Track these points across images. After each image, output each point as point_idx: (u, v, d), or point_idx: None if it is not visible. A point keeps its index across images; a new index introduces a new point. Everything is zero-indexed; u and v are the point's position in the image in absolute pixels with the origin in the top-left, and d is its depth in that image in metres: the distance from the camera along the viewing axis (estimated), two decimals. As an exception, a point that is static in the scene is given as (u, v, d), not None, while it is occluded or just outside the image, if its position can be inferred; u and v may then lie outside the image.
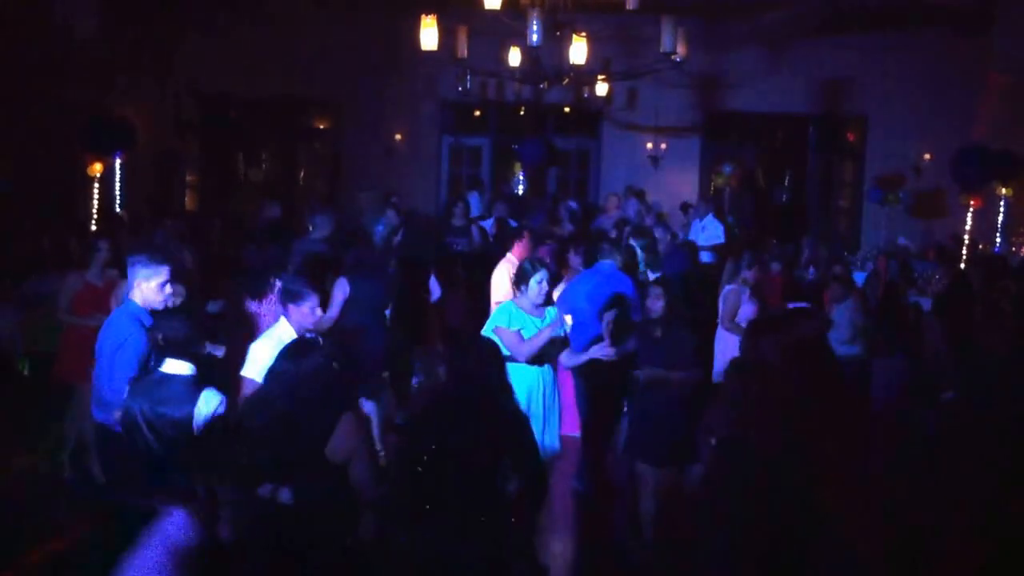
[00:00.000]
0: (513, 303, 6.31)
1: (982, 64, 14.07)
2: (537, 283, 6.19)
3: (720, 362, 7.68)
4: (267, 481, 4.03)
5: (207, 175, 16.35)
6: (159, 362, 4.56)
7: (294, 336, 5.33)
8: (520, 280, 6.27)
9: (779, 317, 6.92)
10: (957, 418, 6.83)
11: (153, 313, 5.04)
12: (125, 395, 4.52)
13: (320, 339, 4.66)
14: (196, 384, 4.45)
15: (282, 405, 4.06)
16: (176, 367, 4.48)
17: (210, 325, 6.00)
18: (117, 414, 4.58)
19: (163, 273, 5.16)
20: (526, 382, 5.86)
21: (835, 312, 8.24)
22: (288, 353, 4.24)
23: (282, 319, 5.57)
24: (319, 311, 5.55)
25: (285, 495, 4.02)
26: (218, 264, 9.60)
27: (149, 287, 5.12)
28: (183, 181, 16.03)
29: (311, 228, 8.91)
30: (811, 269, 10.90)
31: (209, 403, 4.39)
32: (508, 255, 8.41)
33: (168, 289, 5.19)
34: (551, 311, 6.33)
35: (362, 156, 15.62)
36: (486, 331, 6.14)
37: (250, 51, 14.18)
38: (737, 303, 8.22)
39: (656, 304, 6.31)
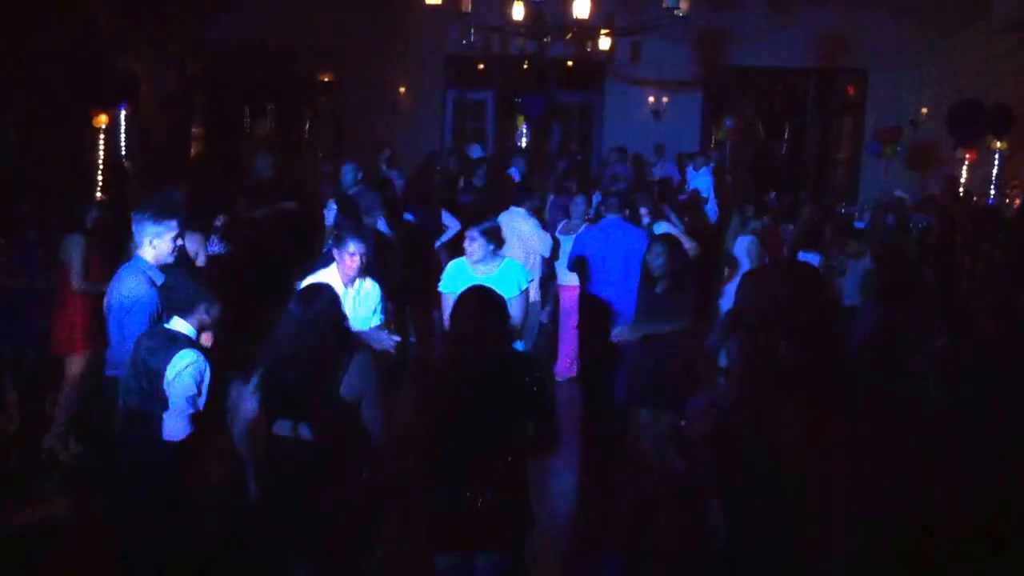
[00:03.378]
0: (465, 259, 6.24)
1: (980, 18, 14.17)
2: (470, 242, 6.11)
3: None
4: (283, 419, 4.16)
5: (212, 128, 16.45)
6: (167, 320, 4.44)
7: (338, 281, 5.48)
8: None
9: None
10: (947, 365, 7.02)
11: (162, 269, 4.90)
12: (133, 349, 4.40)
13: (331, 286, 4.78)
14: (187, 343, 4.32)
15: (288, 347, 4.17)
16: (180, 325, 4.36)
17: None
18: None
19: (173, 227, 4.98)
20: None
21: (851, 267, 8.33)
22: (298, 297, 4.34)
23: (333, 264, 5.63)
24: (359, 259, 5.49)
25: (304, 431, 4.15)
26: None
27: (161, 242, 4.95)
28: (189, 133, 16.14)
29: (341, 178, 9.06)
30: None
31: (181, 360, 4.24)
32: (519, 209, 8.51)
33: (178, 243, 5.03)
34: (509, 265, 6.22)
35: (366, 110, 15.72)
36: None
37: (254, 3, 14.30)
38: (762, 253, 8.39)
39: (657, 260, 6.32)
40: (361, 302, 5.62)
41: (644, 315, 6.41)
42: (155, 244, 4.93)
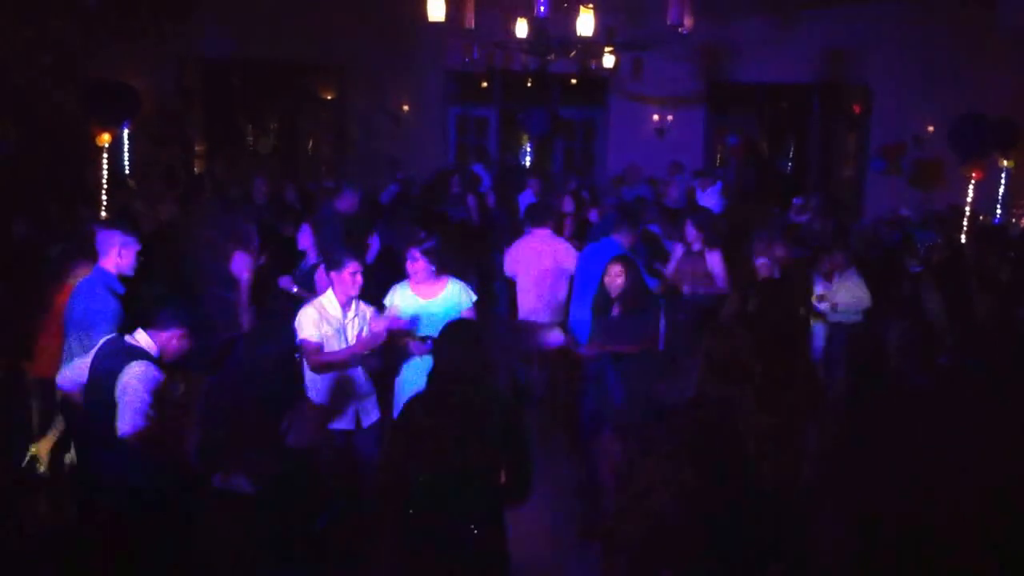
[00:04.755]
0: (407, 282, 6.05)
1: (985, 32, 14.12)
2: (411, 261, 5.95)
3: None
4: (221, 467, 4.01)
5: (213, 144, 16.43)
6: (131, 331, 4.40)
7: (336, 303, 5.43)
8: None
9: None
10: (951, 383, 6.93)
11: (128, 281, 5.00)
12: (91, 359, 4.34)
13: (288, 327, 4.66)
14: (143, 356, 4.22)
15: (233, 390, 4.15)
16: (142, 339, 4.28)
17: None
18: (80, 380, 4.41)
19: (136, 241, 5.16)
20: None
21: (837, 280, 8.32)
22: (248, 339, 4.25)
23: (328, 291, 5.54)
24: (359, 277, 5.46)
25: (242, 483, 4.01)
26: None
27: (128, 253, 5.10)
28: (190, 151, 16.11)
29: (337, 197, 9.00)
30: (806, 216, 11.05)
31: (133, 369, 4.17)
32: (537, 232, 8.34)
33: (139, 258, 5.17)
34: (452, 286, 6.03)
35: (368, 126, 15.70)
36: None
37: (253, 15, 14.27)
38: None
39: (615, 281, 6.12)
40: (360, 324, 5.51)
41: (600, 336, 6.23)
42: (123, 254, 5.09)
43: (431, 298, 5.91)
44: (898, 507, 4.99)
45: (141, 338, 4.27)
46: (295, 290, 6.84)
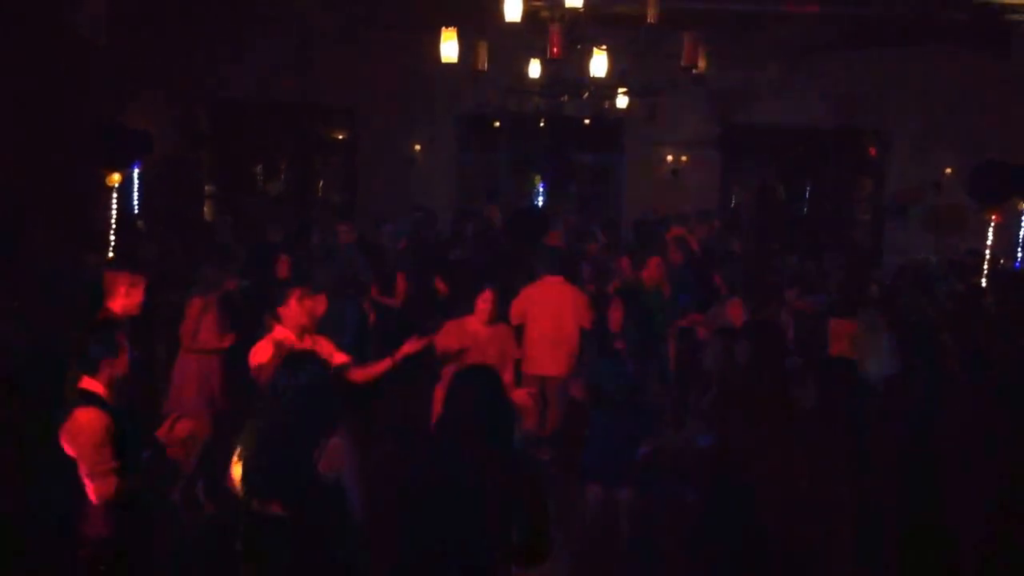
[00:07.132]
0: (466, 317, 6.31)
1: (1003, 77, 14.01)
2: (483, 302, 6.19)
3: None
4: (259, 496, 3.91)
5: (224, 186, 16.41)
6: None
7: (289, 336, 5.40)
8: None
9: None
10: (965, 430, 6.76)
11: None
12: None
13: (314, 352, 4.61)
14: (86, 400, 4.13)
15: (270, 418, 4.00)
16: (89, 384, 4.18)
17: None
18: None
19: (142, 283, 5.18)
20: None
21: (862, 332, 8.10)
22: (283, 365, 4.17)
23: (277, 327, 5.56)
24: (308, 302, 5.46)
25: (286, 509, 3.90)
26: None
27: (135, 292, 5.13)
28: (200, 192, 16.09)
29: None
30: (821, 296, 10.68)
31: (78, 418, 4.07)
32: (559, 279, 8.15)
33: (141, 298, 5.19)
34: (504, 332, 6.38)
35: (380, 168, 15.67)
36: None
37: (266, 61, 14.29)
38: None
39: (617, 319, 6.16)
40: None
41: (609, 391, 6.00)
42: (129, 293, 5.12)
43: (487, 336, 6.21)
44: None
45: (86, 383, 4.16)
46: None
